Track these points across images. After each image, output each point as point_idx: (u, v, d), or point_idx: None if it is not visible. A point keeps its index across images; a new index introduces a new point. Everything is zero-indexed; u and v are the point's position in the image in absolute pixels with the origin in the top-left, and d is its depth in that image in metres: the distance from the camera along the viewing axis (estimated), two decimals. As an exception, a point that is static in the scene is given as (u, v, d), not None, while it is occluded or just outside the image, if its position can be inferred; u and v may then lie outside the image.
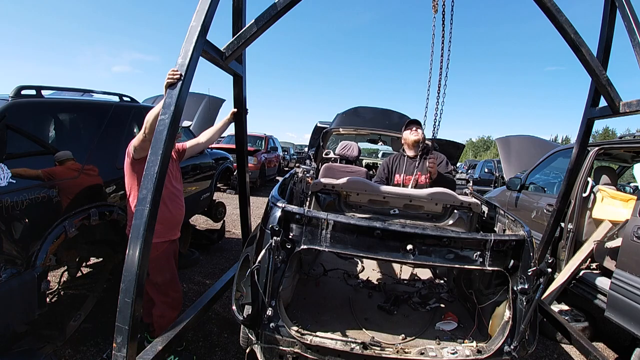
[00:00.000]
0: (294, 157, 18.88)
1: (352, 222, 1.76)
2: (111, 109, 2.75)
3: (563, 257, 3.29)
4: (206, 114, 5.68)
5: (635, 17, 2.00)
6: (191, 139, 2.65)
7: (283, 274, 1.76)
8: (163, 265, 2.22)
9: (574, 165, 2.68)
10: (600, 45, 2.33)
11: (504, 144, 6.16)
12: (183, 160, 2.51)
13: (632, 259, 2.34)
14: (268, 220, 1.80)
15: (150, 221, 1.51)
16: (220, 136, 2.67)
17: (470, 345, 1.88)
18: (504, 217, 2.40)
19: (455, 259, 1.75)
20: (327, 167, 3.80)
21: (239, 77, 2.43)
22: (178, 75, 1.61)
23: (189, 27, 1.68)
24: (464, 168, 18.49)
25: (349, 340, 1.74)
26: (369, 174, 4.03)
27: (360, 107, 4.92)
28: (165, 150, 1.57)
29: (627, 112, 2.07)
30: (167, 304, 2.27)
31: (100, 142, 2.57)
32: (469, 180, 4.29)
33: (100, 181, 2.49)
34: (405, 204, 2.73)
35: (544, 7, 1.96)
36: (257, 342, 1.74)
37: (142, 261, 1.48)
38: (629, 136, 3.29)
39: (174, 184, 2.31)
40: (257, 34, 1.92)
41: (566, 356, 2.83)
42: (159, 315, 2.26)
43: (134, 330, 1.47)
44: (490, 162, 12.67)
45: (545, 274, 1.66)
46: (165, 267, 2.24)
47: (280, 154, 14.18)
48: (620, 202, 3.14)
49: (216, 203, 4.73)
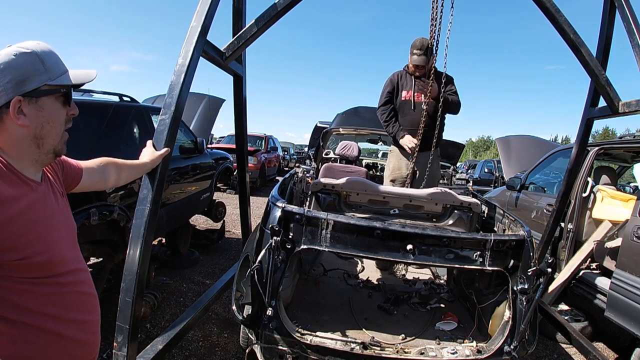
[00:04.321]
0: (294, 157, 18.88)
1: (352, 222, 1.76)
2: (111, 109, 2.75)
3: (563, 257, 3.29)
4: (206, 114, 5.69)
5: (635, 18, 2.00)
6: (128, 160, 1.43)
7: (283, 274, 1.76)
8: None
9: (574, 165, 2.68)
10: (600, 45, 2.33)
11: (504, 144, 6.16)
12: (77, 189, 1.15)
13: (632, 259, 2.34)
14: (268, 220, 1.80)
15: (151, 221, 1.51)
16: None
17: (470, 345, 1.88)
18: (503, 217, 2.40)
19: (455, 259, 1.75)
20: (327, 167, 3.80)
21: (239, 77, 2.43)
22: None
23: (189, 28, 1.68)
24: (464, 168, 18.51)
25: (349, 340, 1.75)
26: (369, 174, 4.03)
27: (360, 107, 4.93)
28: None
29: (627, 112, 2.07)
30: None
31: (100, 142, 2.57)
32: (469, 180, 4.29)
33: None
34: (405, 203, 2.73)
35: (543, 8, 1.96)
36: (257, 342, 1.74)
37: (143, 261, 1.48)
38: (629, 136, 3.29)
39: (73, 264, 0.96)
40: (257, 34, 1.92)
41: (566, 356, 2.83)
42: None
43: (134, 330, 1.47)
44: (490, 162, 12.67)
45: (545, 274, 1.66)
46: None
47: (280, 154, 14.19)
48: (620, 202, 3.14)
49: (216, 203, 4.73)
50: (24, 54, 0.83)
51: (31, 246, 0.82)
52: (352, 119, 4.75)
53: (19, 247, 0.80)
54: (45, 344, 0.87)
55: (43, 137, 0.88)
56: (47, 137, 0.88)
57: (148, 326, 2.72)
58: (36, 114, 0.86)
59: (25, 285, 0.83)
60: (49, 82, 0.87)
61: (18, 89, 0.82)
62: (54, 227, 0.90)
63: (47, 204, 0.91)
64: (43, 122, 0.87)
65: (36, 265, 0.84)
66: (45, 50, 0.88)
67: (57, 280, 0.89)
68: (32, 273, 0.84)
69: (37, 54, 0.85)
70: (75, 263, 0.96)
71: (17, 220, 0.80)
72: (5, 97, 0.81)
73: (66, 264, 0.92)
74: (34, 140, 0.87)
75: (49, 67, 0.87)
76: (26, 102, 0.83)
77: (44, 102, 0.87)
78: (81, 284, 0.97)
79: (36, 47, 0.86)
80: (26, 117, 0.84)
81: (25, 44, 0.86)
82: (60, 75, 0.89)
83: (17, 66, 0.82)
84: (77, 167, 1.14)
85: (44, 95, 0.86)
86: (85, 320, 0.97)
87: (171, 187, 3.29)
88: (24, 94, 0.83)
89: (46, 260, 0.86)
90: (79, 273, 0.97)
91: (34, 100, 0.85)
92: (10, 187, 0.81)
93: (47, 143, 0.89)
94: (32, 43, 0.88)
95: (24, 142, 0.86)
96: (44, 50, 0.87)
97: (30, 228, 0.83)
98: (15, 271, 0.81)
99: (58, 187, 0.99)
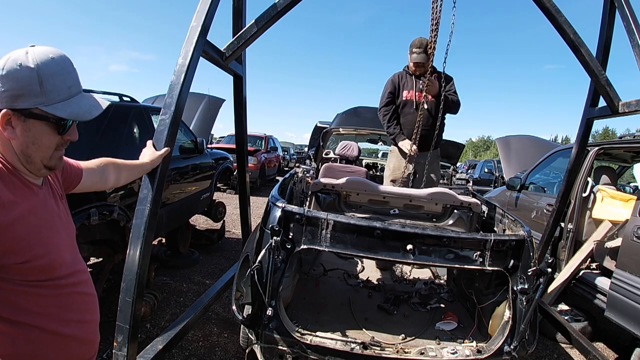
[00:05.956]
0: (294, 157, 18.88)
1: (352, 222, 1.76)
2: (111, 109, 2.75)
3: (563, 257, 3.29)
4: (206, 114, 5.69)
5: (635, 18, 2.00)
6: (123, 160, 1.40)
7: (283, 274, 1.76)
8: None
9: (574, 165, 2.68)
10: (600, 45, 2.33)
11: (504, 144, 6.16)
12: (77, 189, 1.15)
13: (632, 259, 2.34)
14: (268, 220, 1.80)
15: (151, 221, 1.51)
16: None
17: (470, 345, 1.88)
18: (503, 217, 2.40)
19: (455, 259, 1.75)
20: (327, 167, 3.80)
21: (239, 77, 2.43)
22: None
23: (189, 28, 1.68)
24: (464, 168, 18.50)
25: (349, 340, 1.75)
26: (369, 174, 4.03)
27: (360, 107, 4.93)
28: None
29: (627, 112, 2.07)
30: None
31: (100, 142, 2.57)
32: (469, 180, 4.29)
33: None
34: (405, 203, 2.73)
35: (543, 8, 1.96)
36: (257, 342, 1.74)
37: (143, 261, 1.48)
38: (629, 136, 3.29)
39: (73, 266, 0.97)
40: (257, 34, 1.92)
41: (566, 356, 2.83)
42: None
43: (134, 330, 1.47)
44: (490, 162, 12.67)
45: (545, 274, 1.66)
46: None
47: (280, 154, 14.18)
48: (620, 202, 3.14)
49: (216, 203, 4.73)
50: (27, 69, 0.79)
51: (32, 250, 0.82)
52: (352, 119, 4.75)
53: (21, 251, 0.80)
54: (46, 343, 0.88)
55: (29, 155, 0.84)
56: (34, 156, 0.84)
57: (148, 326, 2.72)
58: (23, 132, 0.82)
59: (26, 288, 0.83)
60: (41, 106, 0.81)
61: (11, 102, 0.79)
62: (54, 231, 0.90)
63: (47, 207, 0.90)
64: (28, 143, 0.83)
65: (37, 268, 0.84)
66: (51, 71, 0.82)
67: (57, 283, 0.89)
68: (33, 276, 0.84)
69: (38, 73, 0.80)
70: (74, 265, 0.96)
71: (19, 223, 0.80)
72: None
73: (66, 266, 0.92)
74: (21, 154, 0.83)
75: (48, 90, 0.81)
76: (15, 118, 0.80)
77: (32, 124, 0.82)
78: (81, 285, 0.97)
79: (42, 64, 0.81)
80: (14, 131, 0.81)
81: (37, 54, 0.81)
82: (59, 102, 0.83)
83: (17, 79, 0.79)
84: (77, 168, 1.12)
85: (33, 118, 0.81)
86: (85, 320, 0.97)
87: (171, 187, 3.29)
88: (14, 109, 0.80)
89: (47, 263, 0.86)
90: (79, 274, 0.97)
91: (23, 119, 0.81)
92: (13, 190, 0.81)
93: (34, 161, 0.85)
94: (48, 55, 0.82)
95: (13, 152, 0.84)
96: (49, 70, 0.81)
97: (32, 232, 0.83)
98: (17, 274, 0.81)
99: (58, 189, 0.99)
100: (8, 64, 0.79)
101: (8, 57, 0.80)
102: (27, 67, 0.79)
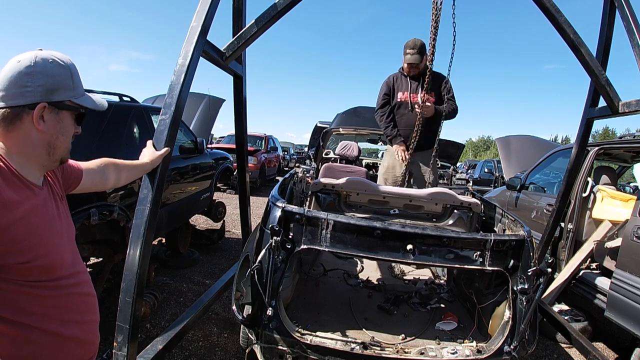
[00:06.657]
0: (294, 157, 18.88)
1: (352, 222, 1.76)
2: (111, 109, 2.75)
3: (563, 257, 3.29)
4: (206, 114, 5.69)
5: (635, 18, 2.00)
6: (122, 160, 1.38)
7: (283, 274, 1.76)
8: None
9: (574, 165, 2.68)
10: (600, 45, 2.33)
11: (504, 144, 6.16)
12: (77, 190, 1.15)
13: (632, 259, 2.34)
14: (268, 220, 1.80)
15: (151, 221, 1.51)
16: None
17: (470, 345, 1.88)
18: (503, 217, 2.40)
19: (455, 259, 1.75)
20: (327, 167, 3.80)
21: (239, 77, 2.43)
22: None
23: (189, 28, 1.68)
24: (464, 168, 18.51)
25: (349, 340, 1.74)
26: (369, 174, 4.03)
27: (360, 107, 4.93)
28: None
29: (627, 112, 2.07)
30: None
31: (100, 143, 2.57)
32: (468, 180, 4.29)
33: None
34: (405, 203, 2.73)
35: (543, 7, 1.96)
36: (257, 342, 1.74)
37: (143, 261, 1.48)
38: (629, 136, 3.29)
39: (73, 267, 0.97)
40: (257, 34, 1.92)
41: (566, 356, 2.83)
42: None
43: (134, 330, 1.47)
44: (490, 162, 12.68)
45: (545, 274, 1.66)
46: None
47: (280, 154, 14.19)
48: (620, 202, 3.14)
49: (216, 203, 4.73)
50: (60, 65, 0.89)
51: (33, 250, 0.83)
52: (352, 119, 4.75)
53: (22, 251, 0.81)
54: (45, 344, 0.88)
55: (56, 146, 0.91)
56: (59, 147, 0.92)
57: (148, 326, 2.72)
58: (55, 124, 0.89)
59: (26, 288, 0.84)
60: (73, 99, 0.91)
61: (46, 96, 0.86)
62: (54, 232, 0.91)
63: (48, 208, 0.92)
64: (58, 134, 0.91)
65: (38, 268, 0.85)
66: (75, 69, 0.94)
67: (57, 284, 0.90)
68: (34, 276, 0.85)
69: (70, 70, 0.91)
70: (74, 266, 0.97)
71: (20, 224, 0.81)
72: (33, 98, 0.84)
73: (66, 267, 0.94)
74: (47, 147, 0.89)
75: (77, 85, 0.93)
76: (49, 110, 0.87)
77: (64, 115, 0.91)
78: (80, 286, 0.98)
79: (69, 63, 0.92)
80: (45, 123, 0.87)
81: (60, 55, 0.91)
82: (82, 96, 0.95)
83: (51, 74, 0.87)
84: (77, 169, 1.13)
85: (66, 109, 0.91)
86: (85, 321, 0.98)
87: (171, 187, 3.29)
88: (50, 102, 0.87)
89: (47, 264, 0.87)
90: (78, 275, 0.98)
91: (56, 110, 0.89)
92: (14, 191, 0.82)
93: (57, 152, 0.92)
94: (66, 57, 0.93)
95: (38, 146, 0.88)
96: (74, 69, 0.93)
97: (33, 232, 0.83)
98: (17, 274, 0.82)
99: (58, 190, 1.00)
100: (38, 61, 0.86)
101: (35, 55, 0.86)
102: (59, 64, 0.89)
